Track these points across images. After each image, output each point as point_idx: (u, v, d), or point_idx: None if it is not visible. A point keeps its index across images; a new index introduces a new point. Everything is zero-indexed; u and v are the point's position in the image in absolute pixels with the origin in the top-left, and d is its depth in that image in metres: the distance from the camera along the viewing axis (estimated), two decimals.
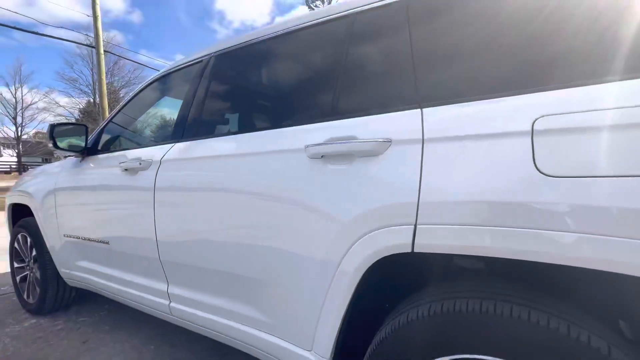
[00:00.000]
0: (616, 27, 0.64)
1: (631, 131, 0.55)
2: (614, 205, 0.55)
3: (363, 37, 1.00)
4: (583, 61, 0.66)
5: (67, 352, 1.70)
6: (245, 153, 1.11)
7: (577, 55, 0.67)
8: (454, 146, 0.72)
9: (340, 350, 0.90)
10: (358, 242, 0.79)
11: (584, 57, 0.66)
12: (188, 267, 1.24)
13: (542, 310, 0.62)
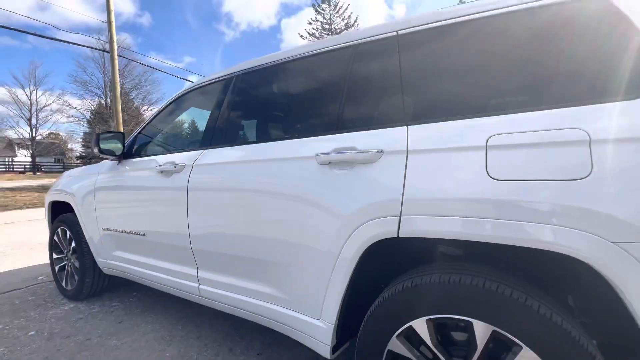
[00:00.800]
0: (541, 70, 0.86)
1: (550, 148, 0.77)
2: (537, 200, 0.76)
3: (362, 65, 1.22)
4: (520, 94, 0.88)
5: (107, 330, 1.96)
6: (265, 159, 1.34)
7: (517, 89, 0.89)
8: (430, 156, 0.94)
9: (343, 318, 1.12)
10: (356, 231, 1.02)
11: (521, 91, 0.88)
12: (216, 254, 1.48)
13: (495, 280, 0.83)
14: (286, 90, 1.56)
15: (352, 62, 1.24)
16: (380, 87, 1.16)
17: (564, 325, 0.76)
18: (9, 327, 2.01)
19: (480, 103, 0.95)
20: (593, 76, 0.83)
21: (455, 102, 1.00)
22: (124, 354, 1.70)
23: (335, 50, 1.31)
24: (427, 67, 1.08)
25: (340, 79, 1.26)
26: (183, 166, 1.58)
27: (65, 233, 2.42)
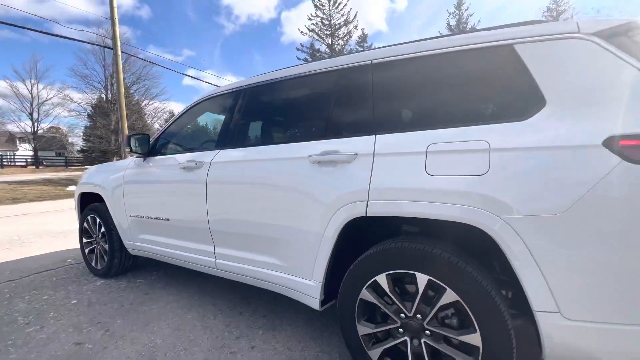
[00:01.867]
0: (462, 97, 1.23)
1: (465, 153, 1.14)
2: (455, 189, 1.13)
3: (344, 85, 1.58)
4: (449, 115, 1.25)
5: (136, 300, 2.34)
6: (269, 159, 1.71)
7: (448, 111, 1.26)
8: (390, 158, 1.31)
9: (328, 278, 1.50)
10: (336, 212, 1.39)
11: (450, 113, 1.25)
12: (230, 233, 1.86)
13: (429, 245, 1.21)
14: (286, 103, 1.93)
15: (337, 82, 1.60)
16: (357, 104, 1.52)
17: (475, 275, 1.13)
18: (53, 297, 2.40)
19: (424, 120, 1.32)
20: (495, 104, 1.20)
21: (408, 119, 1.37)
22: (154, 316, 2.09)
23: (324, 72, 1.67)
24: (391, 90, 1.44)
25: (328, 95, 1.62)
26: (202, 163, 1.94)
27: (94, 220, 2.79)
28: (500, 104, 1.20)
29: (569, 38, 1.12)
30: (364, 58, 1.55)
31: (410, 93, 1.41)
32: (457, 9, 25.79)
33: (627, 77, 1.01)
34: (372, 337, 1.38)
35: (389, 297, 1.31)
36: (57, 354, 1.68)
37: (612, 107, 1.01)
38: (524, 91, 1.15)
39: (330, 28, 26.65)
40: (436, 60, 1.35)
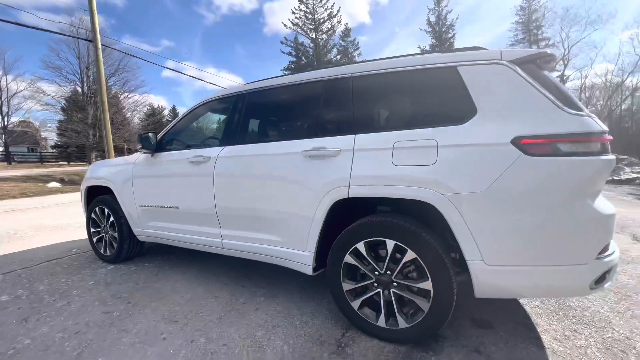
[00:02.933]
0: (419, 105, 1.63)
1: (420, 148, 1.54)
2: (412, 175, 1.54)
3: (330, 93, 1.94)
4: (410, 119, 1.64)
5: (148, 279, 2.65)
6: (268, 154, 2.06)
7: (409, 116, 1.65)
8: (366, 153, 1.69)
9: (318, 249, 1.88)
10: (324, 196, 1.77)
11: (410, 117, 1.65)
12: (235, 217, 2.20)
13: (396, 218, 1.61)
14: (282, 106, 2.28)
15: (324, 90, 1.97)
16: (340, 109, 1.89)
17: (428, 239, 1.54)
18: (71, 280, 2.67)
19: (391, 123, 1.71)
20: (442, 111, 1.61)
21: (381, 122, 1.76)
22: (167, 291, 2.41)
23: (314, 82, 2.03)
24: (367, 98, 1.82)
25: (317, 101, 1.99)
26: (210, 158, 2.27)
27: (103, 211, 3.05)
28: (445, 111, 1.61)
29: (494, 63, 1.53)
30: (346, 71, 1.92)
31: (381, 101, 1.80)
32: (436, 6, 26.45)
33: (530, 94, 1.44)
34: (354, 292, 1.78)
35: (366, 260, 1.71)
36: (91, 320, 1.99)
37: (518, 115, 1.43)
38: (462, 102, 1.56)
39: (314, 22, 26.69)
40: (401, 75, 1.74)
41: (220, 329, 1.85)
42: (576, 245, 1.36)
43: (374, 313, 1.73)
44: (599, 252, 1.36)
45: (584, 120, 1.38)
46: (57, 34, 19.69)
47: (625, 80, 26.78)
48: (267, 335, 1.78)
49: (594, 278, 1.36)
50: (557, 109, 1.39)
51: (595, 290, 1.41)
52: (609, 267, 1.39)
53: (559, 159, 1.34)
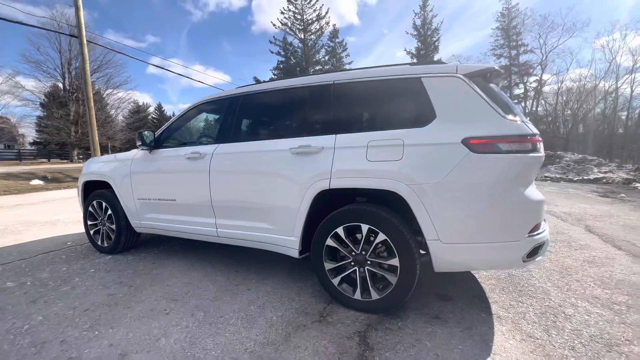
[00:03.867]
0: (391, 110, 1.92)
1: (389, 146, 1.83)
2: (383, 169, 1.83)
3: (315, 98, 2.22)
4: (382, 121, 1.94)
5: (146, 267, 2.85)
6: (259, 150, 2.31)
7: (381, 119, 1.95)
8: (345, 150, 1.97)
9: (304, 234, 2.15)
10: (309, 188, 2.04)
11: (382, 120, 1.94)
12: (228, 207, 2.44)
13: (369, 206, 1.90)
14: (272, 108, 2.53)
15: (310, 95, 2.24)
16: (323, 112, 2.17)
17: (396, 223, 1.83)
18: (71, 269, 2.84)
19: (366, 125, 2.00)
20: (408, 116, 1.90)
21: (357, 123, 2.04)
22: (165, 276, 2.62)
23: (301, 87, 2.29)
24: (346, 103, 2.10)
25: (303, 104, 2.25)
26: (205, 154, 2.50)
27: (100, 204, 3.21)
28: (410, 115, 1.91)
29: (451, 76, 1.84)
30: (329, 79, 2.19)
31: (358, 106, 2.08)
32: (422, 10, 27.14)
33: (478, 103, 1.75)
34: (334, 270, 2.05)
35: (345, 242, 1.99)
36: (96, 301, 2.19)
37: (468, 120, 1.74)
38: (424, 108, 1.86)
39: (303, 23, 26.87)
40: (375, 83, 2.03)
41: (216, 306, 2.09)
42: (511, 226, 1.68)
43: (351, 288, 2.01)
44: (529, 231, 1.68)
45: (519, 125, 1.70)
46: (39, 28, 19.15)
47: (597, 85, 28.28)
48: (258, 309, 2.04)
49: (526, 252, 1.69)
50: (498, 115, 1.71)
51: (528, 263, 1.74)
52: (538, 243, 1.71)
53: (498, 156, 1.66)
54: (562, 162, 14.25)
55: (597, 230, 4.02)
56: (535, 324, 1.85)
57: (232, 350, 1.62)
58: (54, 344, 1.70)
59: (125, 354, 1.60)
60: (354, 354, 1.58)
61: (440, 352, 1.59)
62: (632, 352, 1.58)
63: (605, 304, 2.08)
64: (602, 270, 2.68)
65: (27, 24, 13.07)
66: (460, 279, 2.49)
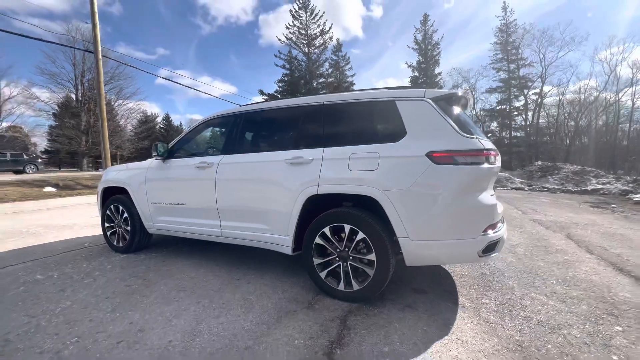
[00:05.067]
0: (369, 128, 2.28)
1: (366, 158, 2.18)
2: (361, 177, 2.16)
3: (307, 117, 2.58)
4: (362, 137, 2.29)
5: (157, 264, 3.19)
6: (259, 161, 2.67)
7: (361, 135, 2.30)
8: (331, 161, 2.32)
9: (296, 233, 2.48)
10: (300, 194, 2.38)
11: (362, 136, 2.29)
12: (232, 210, 2.79)
13: (352, 209, 2.23)
14: (271, 124, 2.90)
15: (303, 114, 2.60)
16: (314, 128, 2.53)
17: (373, 223, 2.15)
18: (91, 265, 3.18)
19: (349, 140, 2.35)
20: (383, 132, 2.25)
21: (342, 138, 2.39)
22: (175, 271, 2.95)
23: (296, 106, 2.67)
24: (333, 121, 2.46)
25: (297, 122, 2.62)
26: (212, 164, 2.86)
27: (117, 208, 3.58)
28: (385, 132, 2.25)
29: (419, 100, 2.19)
30: (319, 100, 2.56)
31: (343, 123, 2.44)
32: (423, 25, 27.92)
33: (440, 123, 2.10)
34: (322, 265, 2.37)
35: (331, 240, 2.31)
36: (115, 290, 2.52)
37: (432, 137, 2.08)
38: (397, 126, 2.20)
39: (307, 38, 27.74)
40: (358, 105, 2.39)
41: (220, 295, 2.41)
42: (467, 225, 1.99)
43: (335, 280, 2.32)
44: (483, 230, 1.99)
45: (474, 141, 2.04)
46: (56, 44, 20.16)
47: (598, 97, 28.55)
48: (256, 298, 2.35)
49: (481, 248, 1.99)
50: (456, 133, 2.05)
51: (483, 258, 2.04)
52: (492, 240, 2.02)
53: (455, 167, 1.99)
54: (560, 173, 14.43)
55: (576, 237, 4.28)
56: (494, 312, 2.14)
57: (232, 327, 1.94)
58: (83, 322, 2.03)
59: (142, 330, 1.92)
60: (334, 332, 1.89)
61: (406, 331, 1.89)
62: (570, 334, 1.86)
63: (560, 298, 2.36)
64: (568, 271, 2.95)
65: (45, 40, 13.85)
66: (437, 276, 2.79)
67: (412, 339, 1.81)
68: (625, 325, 1.97)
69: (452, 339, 1.81)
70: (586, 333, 1.87)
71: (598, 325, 1.97)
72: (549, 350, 1.70)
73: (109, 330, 1.92)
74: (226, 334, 1.87)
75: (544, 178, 14.61)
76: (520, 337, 1.82)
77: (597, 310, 2.17)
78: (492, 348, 1.72)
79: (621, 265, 3.12)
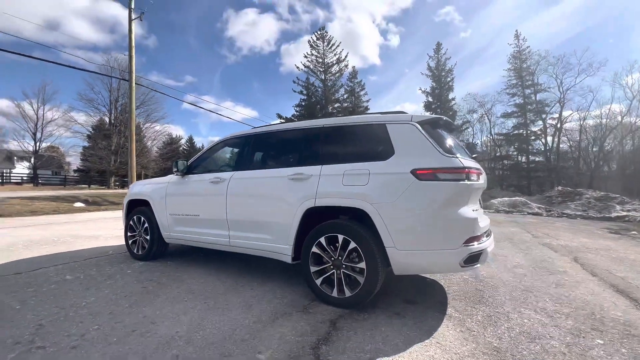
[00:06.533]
0: (360, 148, 2.55)
1: (358, 175, 2.43)
2: (354, 192, 2.41)
3: (308, 138, 2.89)
4: (355, 156, 2.55)
5: (170, 271, 3.47)
6: (264, 177, 2.97)
7: (354, 154, 2.57)
8: (328, 177, 2.58)
9: (296, 244, 2.70)
10: (299, 206, 2.63)
11: (355, 155, 2.55)
12: (240, 221, 3.07)
13: (345, 221, 2.46)
14: (277, 144, 3.24)
15: (304, 135, 2.92)
16: (314, 148, 2.82)
17: (363, 234, 2.36)
18: (113, 269, 3.51)
19: (344, 158, 2.61)
20: (374, 152, 2.50)
21: (338, 157, 2.66)
22: (186, 278, 3.22)
23: (298, 129, 2.99)
24: (331, 141, 2.75)
25: (299, 142, 2.94)
26: (224, 179, 3.19)
27: (139, 219, 3.96)
28: (376, 152, 2.51)
29: (407, 123, 2.45)
30: (320, 124, 2.88)
31: (338, 144, 2.72)
32: (436, 53, 28.71)
33: (424, 143, 2.34)
34: (317, 272, 2.56)
35: (326, 249, 2.52)
36: (133, 290, 2.80)
37: (416, 156, 2.31)
38: (386, 147, 2.46)
39: (324, 65, 29.07)
40: (353, 127, 2.69)
41: (224, 298, 2.64)
42: (448, 236, 2.16)
43: (329, 287, 2.50)
44: (464, 241, 2.15)
45: (454, 160, 2.25)
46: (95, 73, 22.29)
47: (621, 122, 27.66)
48: (256, 302, 2.56)
49: (462, 258, 2.14)
50: (438, 152, 2.27)
51: (465, 269, 2.18)
52: (474, 252, 2.17)
53: (437, 182, 2.20)
54: (582, 199, 13.93)
55: (583, 261, 4.22)
56: (478, 322, 2.23)
57: (232, 324, 2.15)
58: (104, 314, 2.30)
59: (154, 322, 2.17)
60: (323, 331, 2.06)
61: (390, 334, 2.03)
62: (549, 344, 1.94)
63: (549, 314, 2.41)
64: (564, 290, 2.98)
65: (87, 70, 15.39)
66: (431, 290, 2.89)
67: (395, 340, 1.95)
68: (608, 339, 2.02)
69: (432, 342, 1.93)
70: (565, 344, 1.94)
71: (579, 338, 2.03)
72: (524, 356, 1.79)
73: (125, 322, 2.17)
74: (226, 328, 2.08)
75: (565, 204, 14.13)
76: (498, 344, 1.92)
77: (582, 325, 2.22)
78: (469, 352, 1.83)
79: (623, 287, 3.10)
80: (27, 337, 1.93)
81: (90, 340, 1.92)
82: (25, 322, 2.14)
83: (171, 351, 1.80)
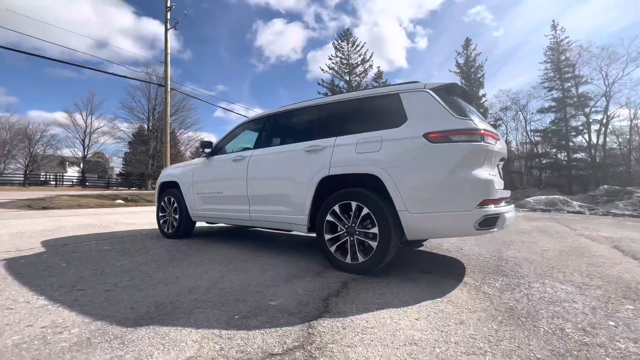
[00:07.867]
0: (375, 120, 2.58)
1: (372, 142, 2.46)
2: (367, 158, 2.45)
3: (323, 114, 2.98)
4: (368, 126, 2.59)
5: (196, 246, 3.69)
6: (282, 151, 3.10)
7: (368, 125, 2.61)
8: (341, 147, 2.65)
9: (311, 214, 2.78)
10: (315, 175, 2.72)
11: (368, 126, 2.59)
12: (259, 196, 3.20)
13: (357, 189, 2.50)
14: (294, 122, 3.36)
15: (320, 111, 3.01)
16: (329, 122, 2.90)
17: (376, 200, 2.39)
18: (146, 244, 3.80)
19: (356, 128, 2.66)
20: (387, 120, 2.53)
21: (352, 128, 2.72)
22: (210, 250, 3.41)
23: (313, 106, 3.09)
24: (345, 114, 2.82)
25: (314, 118, 3.03)
26: (245, 157, 3.36)
27: (169, 200, 4.25)
28: (389, 120, 2.53)
29: (420, 91, 2.46)
30: (334, 99, 2.96)
31: (353, 116, 2.77)
32: (465, 49, 27.71)
33: (437, 108, 2.33)
34: (332, 240, 2.62)
35: (340, 217, 2.57)
36: (162, 259, 3.03)
37: (429, 120, 2.31)
38: (399, 114, 2.48)
39: (348, 67, 29.15)
40: (366, 100, 2.73)
41: (243, 264, 2.77)
42: (462, 198, 2.13)
43: (343, 255, 2.54)
44: (478, 203, 2.11)
45: (466, 122, 2.22)
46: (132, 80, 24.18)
47: None
48: (273, 268, 2.66)
49: (477, 221, 2.10)
50: (451, 115, 2.26)
51: (481, 232, 2.13)
52: (489, 215, 2.11)
53: (449, 144, 2.18)
54: (632, 198, 12.68)
55: (624, 247, 3.88)
56: (495, 288, 2.16)
57: (248, 281, 2.26)
58: (135, 272, 2.52)
59: (178, 277, 2.34)
60: (334, 288, 2.11)
61: (401, 293, 2.03)
62: (572, 307, 1.84)
63: (575, 285, 2.28)
64: (598, 269, 2.78)
65: (129, 77, 16.67)
66: (448, 263, 2.83)
67: (405, 297, 1.95)
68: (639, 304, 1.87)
69: (443, 300, 1.91)
70: (590, 307, 1.84)
71: (607, 304, 1.90)
72: (542, 315, 1.72)
73: (153, 277, 2.37)
74: (242, 284, 2.20)
75: (611, 203, 12.94)
76: (514, 305, 1.86)
77: (612, 295, 2.07)
78: (481, 308, 1.79)
79: None
80: (70, 283, 2.18)
81: (122, 287, 2.12)
82: (69, 274, 2.41)
83: (192, 296, 1.94)
